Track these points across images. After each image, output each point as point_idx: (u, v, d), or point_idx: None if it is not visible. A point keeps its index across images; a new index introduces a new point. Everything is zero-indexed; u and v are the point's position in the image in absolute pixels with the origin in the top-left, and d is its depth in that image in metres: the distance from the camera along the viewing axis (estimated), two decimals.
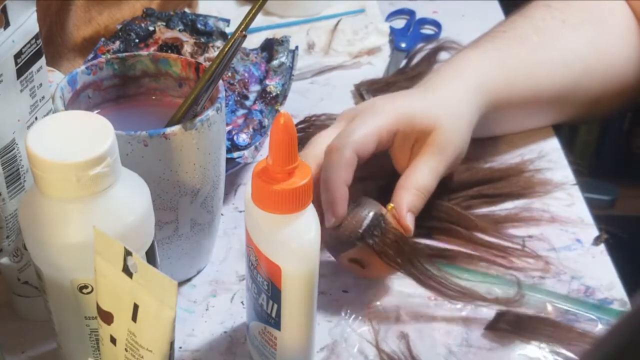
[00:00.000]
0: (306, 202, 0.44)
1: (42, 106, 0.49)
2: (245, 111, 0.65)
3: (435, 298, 0.56)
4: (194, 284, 0.57)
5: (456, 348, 0.53)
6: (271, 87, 0.67)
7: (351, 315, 0.54)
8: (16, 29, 0.44)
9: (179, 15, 0.70)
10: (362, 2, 0.86)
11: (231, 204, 0.64)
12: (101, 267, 0.40)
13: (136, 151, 0.48)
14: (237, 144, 0.61)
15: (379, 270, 0.55)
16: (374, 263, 0.54)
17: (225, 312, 0.55)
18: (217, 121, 0.51)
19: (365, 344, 0.53)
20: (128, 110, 0.55)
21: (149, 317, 0.39)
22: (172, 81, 0.56)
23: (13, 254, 0.51)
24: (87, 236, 0.40)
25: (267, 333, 0.48)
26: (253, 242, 0.46)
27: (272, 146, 0.42)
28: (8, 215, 0.49)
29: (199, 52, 0.66)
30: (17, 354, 0.52)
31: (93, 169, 0.40)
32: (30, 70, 0.46)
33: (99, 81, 0.54)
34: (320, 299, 0.53)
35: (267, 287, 0.46)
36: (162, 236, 0.53)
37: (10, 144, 0.46)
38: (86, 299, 0.44)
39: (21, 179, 0.48)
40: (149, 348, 0.39)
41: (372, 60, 0.80)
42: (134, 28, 0.68)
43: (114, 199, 0.42)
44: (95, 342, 0.46)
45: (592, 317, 0.54)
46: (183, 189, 0.51)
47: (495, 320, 0.54)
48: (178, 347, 0.53)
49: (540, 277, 0.58)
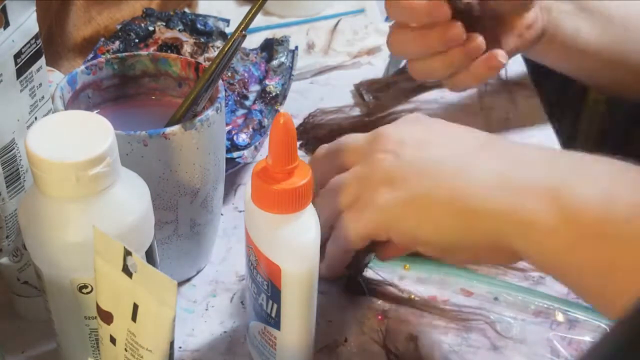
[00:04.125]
0: (306, 202, 0.44)
1: (42, 106, 0.49)
2: (245, 111, 0.65)
3: (436, 298, 0.56)
4: (193, 283, 0.57)
5: (457, 348, 0.53)
6: (271, 87, 0.67)
7: (357, 316, 0.54)
8: (16, 29, 0.44)
9: (178, 15, 0.70)
10: (362, 2, 0.86)
11: (231, 204, 0.64)
12: (101, 267, 0.40)
13: (136, 151, 0.48)
14: (237, 143, 0.61)
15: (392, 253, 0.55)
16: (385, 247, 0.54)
17: (225, 312, 0.55)
18: (217, 121, 0.51)
19: (371, 345, 0.53)
20: (128, 110, 0.55)
21: (148, 317, 0.39)
22: (171, 81, 0.56)
23: (13, 253, 0.51)
24: (86, 236, 0.40)
25: (266, 333, 0.48)
26: (253, 242, 0.46)
27: (272, 146, 0.42)
28: (8, 215, 0.49)
29: (198, 52, 0.66)
30: (17, 354, 0.52)
31: (93, 168, 0.40)
32: (30, 70, 0.46)
33: (99, 81, 0.54)
34: (320, 299, 0.53)
35: (266, 287, 0.46)
36: (162, 236, 0.53)
37: (10, 143, 0.46)
38: (86, 298, 0.44)
39: (21, 178, 0.48)
40: (149, 348, 0.39)
41: (372, 60, 0.80)
42: (133, 28, 0.68)
43: (114, 198, 0.42)
44: (95, 342, 0.46)
45: (591, 320, 0.54)
46: (183, 188, 0.51)
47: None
48: (178, 347, 0.53)
49: (540, 276, 0.58)
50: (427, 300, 0.56)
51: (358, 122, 0.72)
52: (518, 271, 0.58)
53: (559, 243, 0.43)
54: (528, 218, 0.44)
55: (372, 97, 0.75)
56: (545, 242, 0.44)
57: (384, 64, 0.80)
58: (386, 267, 0.58)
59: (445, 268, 0.58)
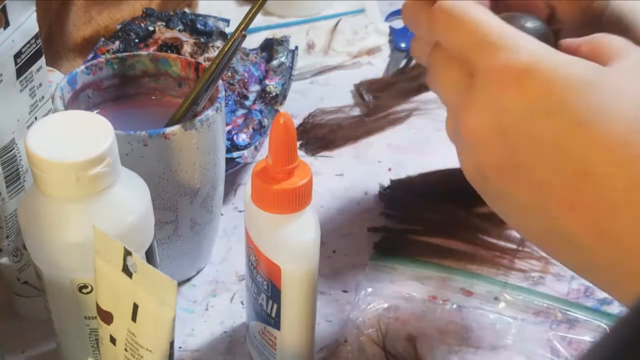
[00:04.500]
0: (306, 202, 0.44)
1: (42, 106, 0.49)
2: (245, 111, 0.65)
3: (436, 298, 0.56)
4: (193, 283, 0.57)
5: (456, 348, 0.53)
6: (271, 87, 0.67)
7: (357, 316, 0.54)
8: (16, 29, 0.44)
9: (178, 15, 0.70)
10: (362, 2, 0.86)
11: (231, 204, 0.64)
12: (101, 267, 0.40)
13: (136, 151, 0.48)
14: (237, 143, 0.61)
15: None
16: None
17: (225, 312, 0.55)
18: (217, 121, 0.51)
19: (372, 345, 0.53)
20: (128, 110, 0.55)
21: (148, 317, 0.39)
22: (171, 81, 0.56)
23: (13, 253, 0.51)
24: (86, 236, 0.40)
25: (266, 333, 0.48)
26: (253, 242, 0.46)
27: (272, 146, 0.42)
28: (8, 215, 0.49)
29: (198, 52, 0.66)
30: (17, 354, 0.52)
31: (93, 168, 0.40)
32: (30, 70, 0.46)
33: (99, 81, 0.54)
34: (320, 299, 0.53)
35: (266, 287, 0.46)
36: (162, 236, 0.53)
37: (9, 143, 0.46)
38: (86, 298, 0.44)
39: (21, 178, 0.48)
40: (149, 348, 0.39)
41: (372, 60, 0.80)
42: (133, 28, 0.68)
43: (114, 198, 0.42)
44: (95, 342, 0.46)
45: (590, 320, 0.54)
46: (183, 188, 0.51)
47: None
48: (178, 347, 0.53)
49: (540, 277, 0.58)
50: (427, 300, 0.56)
51: (358, 122, 0.72)
52: (518, 271, 0.58)
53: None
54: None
55: (372, 97, 0.75)
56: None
57: (384, 64, 0.80)
58: (386, 267, 0.58)
59: (446, 268, 0.58)
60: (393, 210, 0.63)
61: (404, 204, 0.63)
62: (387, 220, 0.62)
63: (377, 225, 0.62)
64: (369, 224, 0.62)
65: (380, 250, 0.59)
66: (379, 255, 0.59)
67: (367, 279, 0.57)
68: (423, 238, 0.60)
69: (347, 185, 0.66)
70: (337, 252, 0.60)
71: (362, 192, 0.65)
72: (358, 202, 0.65)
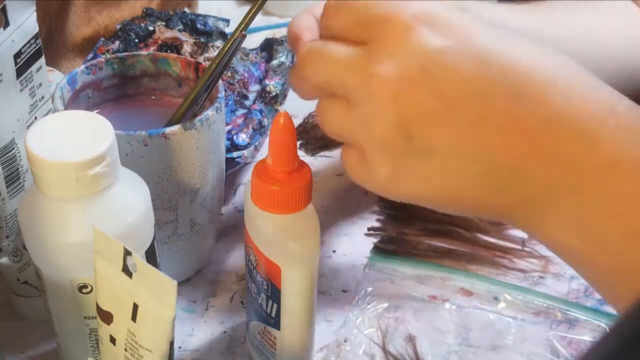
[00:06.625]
0: (306, 202, 0.44)
1: (42, 106, 0.49)
2: (245, 111, 0.65)
3: (436, 298, 0.56)
4: (193, 283, 0.57)
5: (456, 348, 0.53)
6: (271, 86, 0.67)
7: (357, 316, 0.54)
8: (16, 29, 0.44)
9: (178, 15, 0.70)
10: None
11: (231, 204, 0.64)
12: (101, 267, 0.40)
13: (136, 151, 0.48)
14: (237, 143, 0.61)
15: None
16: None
17: (225, 312, 0.55)
18: (217, 121, 0.51)
19: (371, 345, 0.53)
20: (128, 110, 0.55)
21: (148, 317, 0.39)
22: (171, 81, 0.56)
23: (13, 253, 0.51)
24: (86, 236, 0.40)
25: (266, 333, 0.48)
26: (252, 242, 0.46)
27: (272, 146, 0.42)
28: (7, 215, 0.49)
29: (198, 52, 0.66)
30: (16, 354, 0.52)
31: (93, 168, 0.40)
32: (29, 70, 0.46)
33: (99, 81, 0.54)
34: (320, 299, 0.53)
35: (266, 287, 0.46)
36: (162, 236, 0.53)
37: (9, 143, 0.46)
38: (86, 298, 0.44)
39: (21, 178, 0.48)
40: (149, 348, 0.39)
41: None
42: (133, 28, 0.68)
43: (114, 198, 0.42)
44: (95, 342, 0.46)
45: (590, 320, 0.54)
46: (183, 188, 0.51)
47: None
48: (178, 347, 0.53)
49: (540, 276, 0.58)
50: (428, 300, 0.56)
51: None
52: (518, 271, 0.58)
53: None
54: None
55: None
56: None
57: None
58: (386, 267, 0.58)
59: (446, 268, 0.58)
60: (393, 210, 0.63)
61: (404, 204, 0.63)
62: (387, 220, 0.62)
63: (377, 225, 0.62)
64: (369, 224, 0.62)
65: (380, 250, 0.59)
66: (378, 255, 0.59)
67: (367, 279, 0.57)
68: (423, 238, 0.60)
69: (347, 185, 0.66)
70: (337, 252, 0.60)
71: (362, 192, 0.65)
72: (358, 202, 0.65)
